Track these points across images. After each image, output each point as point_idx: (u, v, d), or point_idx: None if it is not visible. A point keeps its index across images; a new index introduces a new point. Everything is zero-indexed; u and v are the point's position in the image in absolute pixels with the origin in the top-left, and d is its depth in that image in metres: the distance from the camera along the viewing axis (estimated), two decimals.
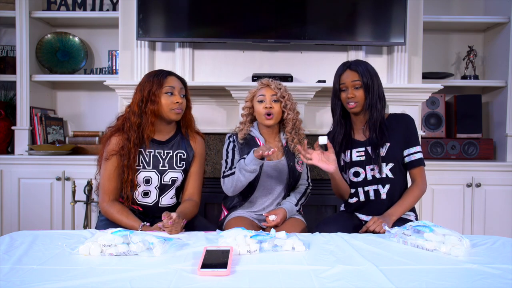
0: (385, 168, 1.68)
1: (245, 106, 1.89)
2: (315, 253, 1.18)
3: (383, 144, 1.67)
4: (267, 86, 1.81)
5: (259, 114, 1.81)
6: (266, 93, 1.80)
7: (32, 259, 1.10)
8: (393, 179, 1.68)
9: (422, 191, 1.70)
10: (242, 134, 1.85)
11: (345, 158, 1.75)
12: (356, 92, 1.67)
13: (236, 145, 1.84)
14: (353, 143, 1.75)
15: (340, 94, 1.72)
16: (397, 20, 2.39)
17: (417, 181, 1.71)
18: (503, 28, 2.79)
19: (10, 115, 2.81)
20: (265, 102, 1.78)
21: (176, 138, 1.72)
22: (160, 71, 1.68)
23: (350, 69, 1.69)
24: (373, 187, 1.70)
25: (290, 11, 2.38)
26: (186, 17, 2.41)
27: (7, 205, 2.55)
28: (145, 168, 1.63)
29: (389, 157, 1.67)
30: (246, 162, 1.65)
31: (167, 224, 1.39)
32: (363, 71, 1.67)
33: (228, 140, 1.87)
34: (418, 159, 1.70)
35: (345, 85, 1.69)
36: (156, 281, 0.95)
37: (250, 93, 1.88)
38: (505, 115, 2.74)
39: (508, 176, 2.60)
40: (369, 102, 1.67)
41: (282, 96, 1.80)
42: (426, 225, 1.26)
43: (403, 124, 1.71)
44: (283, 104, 1.80)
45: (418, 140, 1.72)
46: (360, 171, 1.72)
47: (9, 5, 2.70)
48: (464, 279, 0.98)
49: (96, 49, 2.98)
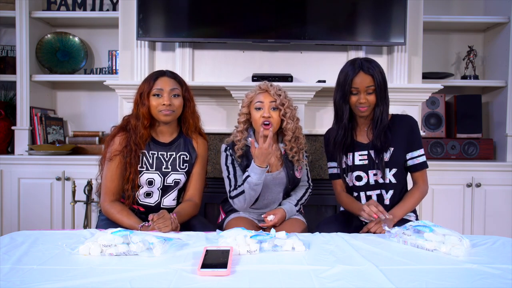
0: (389, 173, 1.66)
1: (241, 112, 1.76)
2: (315, 253, 1.17)
3: (386, 149, 1.64)
4: (266, 92, 1.69)
5: (256, 122, 1.69)
6: (264, 100, 1.68)
7: (32, 259, 1.09)
8: (396, 184, 1.67)
9: (424, 194, 1.69)
10: (239, 148, 1.73)
11: (348, 161, 1.71)
12: (368, 97, 1.60)
13: (234, 158, 1.75)
14: (356, 146, 1.70)
15: (350, 97, 1.63)
16: (397, 20, 2.39)
17: (419, 184, 1.69)
18: (503, 28, 2.79)
19: (10, 115, 2.81)
20: (263, 110, 1.67)
21: (179, 140, 1.71)
22: (154, 72, 1.67)
23: (363, 71, 1.59)
24: (375, 192, 1.68)
25: (290, 11, 2.38)
26: (186, 17, 2.41)
27: (7, 205, 2.55)
28: (148, 170, 1.63)
29: (393, 162, 1.65)
30: (252, 176, 1.61)
31: (155, 220, 1.40)
32: (377, 76, 1.59)
33: (225, 153, 1.76)
34: (421, 162, 1.68)
35: (357, 90, 1.60)
36: (156, 281, 0.95)
37: (247, 98, 1.74)
38: (505, 115, 2.74)
39: (508, 176, 2.60)
40: (379, 106, 1.63)
41: (281, 103, 1.68)
42: (426, 225, 1.26)
43: (407, 127, 1.68)
44: (282, 112, 1.69)
45: (421, 143, 1.70)
46: (362, 175, 1.69)
47: (9, 5, 2.70)
48: (464, 279, 0.98)
49: (96, 49, 2.98)
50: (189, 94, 1.70)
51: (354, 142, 1.71)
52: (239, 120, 1.79)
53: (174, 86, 1.63)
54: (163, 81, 1.62)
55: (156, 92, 1.61)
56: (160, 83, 1.62)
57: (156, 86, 1.61)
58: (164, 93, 1.60)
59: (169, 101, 1.59)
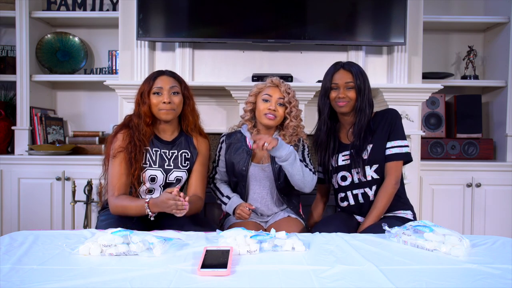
0: (370, 170, 1.67)
1: (248, 101, 1.80)
2: (315, 253, 1.17)
3: (365, 148, 1.66)
4: (276, 87, 1.73)
5: (259, 112, 1.73)
6: (273, 94, 1.72)
7: (32, 259, 1.09)
8: (379, 179, 1.68)
9: (389, 191, 1.63)
10: (241, 124, 1.85)
11: (333, 163, 1.75)
12: (347, 92, 1.66)
13: (226, 148, 1.82)
14: (340, 147, 1.74)
15: (330, 93, 1.70)
16: (397, 20, 2.39)
17: (386, 179, 1.65)
18: (503, 28, 2.79)
19: (10, 115, 2.81)
20: (270, 103, 1.71)
21: (181, 138, 1.73)
22: (153, 72, 1.71)
23: (344, 69, 1.68)
24: (360, 190, 1.70)
25: (290, 11, 2.38)
26: (186, 17, 2.41)
27: (7, 205, 2.55)
28: (151, 166, 1.65)
29: (373, 158, 1.66)
30: (226, 206, 1.75)
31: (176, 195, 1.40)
32: (356, 73, 1.66)
33: (220, 143, 1.86)
34: (394, 153, 1.65)
35: (337, 85, 1.67)
36: (156, 281, 0.95)
37: (257, 88, 1.78)
38: (505, 115, 2.74)
39: (508, 176, 2.60)
40: (359, 105, 1.66)
41: (289, 101, 1.73)
42: (426, 225, 1.26)
43: (387, 120, 1.68)
44: (288, 110, 1.74)
45: (400, 134, 1.67)
46: (347, 175, 1.72)
47: (9, 5, 2.70)
48: (464, 279, 0.98)
49: (96, 49, 2.98)
50: (188, 92, 1.73)
51: (339, 143, 1.75)
52: (245, 108, 1.83)
53: (173, 84, 1.66)
54: (163, 80, 1.66)
55: (156, 90, 1.64)
56: (159, 81, 1.65)
57: (156, 85, 1.64)
58: (163, 91, 1.63)
59: (169, 99, 1.63)
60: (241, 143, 1.80)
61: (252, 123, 1.81)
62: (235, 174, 1.78)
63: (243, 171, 1.75)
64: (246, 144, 1.79)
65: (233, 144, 1.81)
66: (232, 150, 1.80)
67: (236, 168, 1.77)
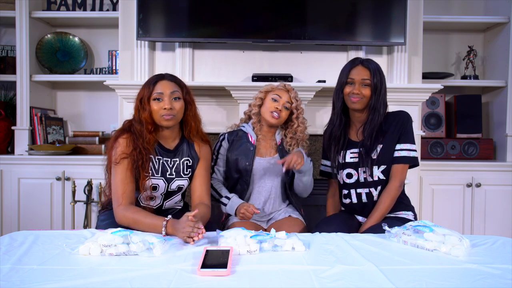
0: (377, 171, 1.66)
1: (257, 96, 1.85)
2: (315, 253, 1.18)
3: (375, 148, 1.65)
4: (287, 92, 1.80)
5: (266, 109, 1.78)
6: (283, 96, 1.78)
7: (32, 259, 1.10)
8: (384, 180, 1.67)
9: (392, 194, 1.63)
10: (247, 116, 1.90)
11: (339, 159, 1.73)
12: (362, 89, 1.63)
13: (226, 147, 1.83)
14: (349, 144, 1.72)
15: (345, 87, 1.67)
16: (397, 20, 2.39)
17: (391, 181, 1.65)
18: (503, 28, 2.79)
19: (10, 115, 2.81)
20: (278, 103, 1.76)
21: (183, 144, 1.67)
22: (153, 77, 1.63)
23: (362, 65, 1.65)
24: (365, 190, 1.68)
25: (290, 11, 2.38)
26: (186, 17, 2.41)
27: (7, 205, 2.55)
28: (153, 175, 1.59)
29: (382, 159, 1.65)
30: (226, 207, 1.75)
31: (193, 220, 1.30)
32: (374, 71, 1.63)
33: (219, 142, 1.87)
34: (402, 156, 1.64)
35: (353, 80, 1.64)
36: (156, 281, 0.95)
37: (270, 87, 1.84)
38: (505, 115, 2.74)
39: (508, 176, 2.60)
40: (373, 103, 1.63)
41: (296, 107, 1.80)
42: (426, 225, 1.26)
43: (399, 122, 1.67)
44: (294, 116, 1.81)
45: (410, 138, 1.66)
46: (353, 173, 1.70)
47: (9, 5, 2.70)
48: (464, 279, 0.98)
49: (96, 49, 2.98)
50: (190, 96, 1.66)
51: (348, 140, 1.73)
52: (254, 103, 1.87)
53: (174, 89, 1.59)
54: (163, 85, 1.58)
55: (156, 96, 1.56)
56: (160, 87, 1.57)
57: (156, 90, 1.56)
58: (164, 97, 1.55)
59: (170, 105, 1.55)
60: (243, 139, 1.83)
61: (258, 118, 1.84)
62: (238, 170, 1.80)
63: (247, 166, 1.77)
64: (249, 140, 1.82)
65: (236, 141, 1.84)
66: (235, 146, 1.82)
67: (239, 164, 1.79)
